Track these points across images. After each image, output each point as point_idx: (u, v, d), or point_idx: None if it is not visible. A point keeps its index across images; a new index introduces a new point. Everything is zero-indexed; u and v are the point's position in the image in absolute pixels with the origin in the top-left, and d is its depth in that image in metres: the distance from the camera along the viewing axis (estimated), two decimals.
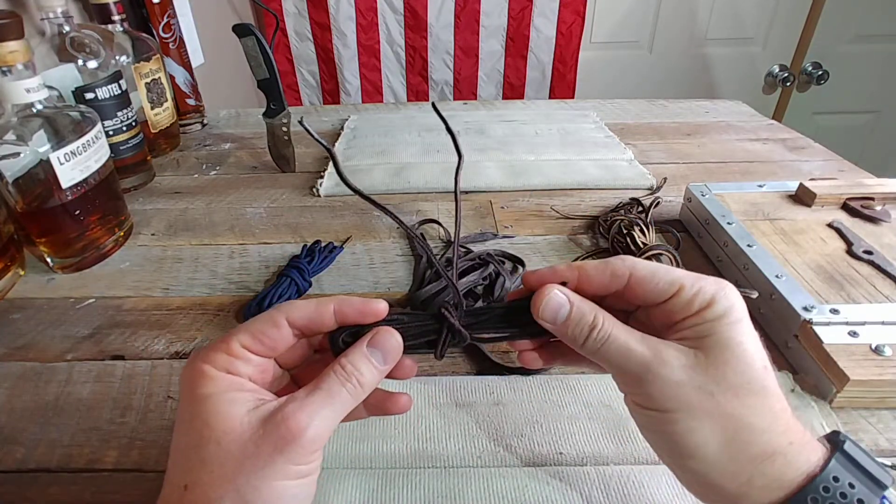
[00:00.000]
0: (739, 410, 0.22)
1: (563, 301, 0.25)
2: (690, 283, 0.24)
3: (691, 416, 0.22)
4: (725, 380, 0.22)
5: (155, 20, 0.80)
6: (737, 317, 0.23)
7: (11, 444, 0.36)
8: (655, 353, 0.23)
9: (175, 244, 0.58)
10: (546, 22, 1.39)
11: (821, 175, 0.70)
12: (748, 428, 0.22)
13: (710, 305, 0.23)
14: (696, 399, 0.22)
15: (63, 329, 0.46)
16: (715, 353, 0.22)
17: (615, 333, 0.24)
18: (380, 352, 0.24)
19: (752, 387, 0.22)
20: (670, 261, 0.47)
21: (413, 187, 0.68)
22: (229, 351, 0.23)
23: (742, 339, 0.23)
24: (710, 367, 0.22)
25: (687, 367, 0.22)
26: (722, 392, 0.22)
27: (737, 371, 0.22)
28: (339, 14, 1.37)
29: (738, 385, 0.22)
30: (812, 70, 1.51)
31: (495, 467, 0.34)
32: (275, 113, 0.69)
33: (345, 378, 0.23)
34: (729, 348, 0.23)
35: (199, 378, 0.23)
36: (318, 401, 0.22)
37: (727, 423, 0.22)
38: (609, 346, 0.24)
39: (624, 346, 0.24)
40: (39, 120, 0.48)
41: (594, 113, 0.91)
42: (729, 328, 0.23)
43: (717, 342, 0.23)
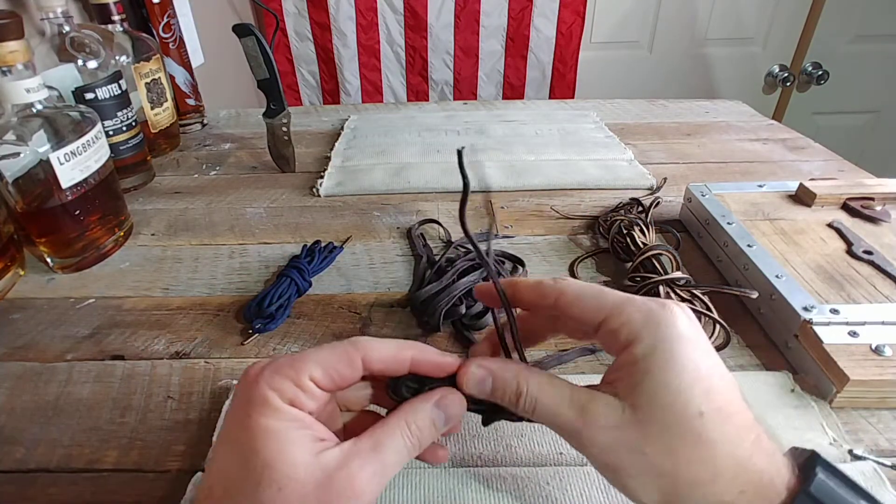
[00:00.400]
0: (674, 467, 0.21)
1: (483, 376, 0.24)
2: (617, 313, 0.23)
3: (626, 475, 0.21)
4: (656, 437, 0.21)
5: (155, 20, 0.80)
6: (665, 357, 0.21)
7: (11, 444, 0.36)
8: (584, 416, 0.22)
9: (175, 244, 0.58)
10: (546, 22, 1.39)
11: (821, 175, 0.70)
12: (686, 483, 0.21)
13: (635, 342, 0.22)
14: (628, 460, 0.21)
15: (63, 329, 0.46)
16: (643, 408, 0.21)
17: (541, 399, 0.23)
18: (444, 415, 0.24)
19: (685, 440, 0.21)
20: (670, 261, 0.47)
21: (413, 187, 0.68)
22: (298, 382, 0.22)
23: (671, 385, 0.21)
24: (639, 425, 0.21)
25: (615, 428, 0.21)
26: (654, 451, 0.21)
27: (665, 426, 0.21)
28: (339, 14, 1.37)
29: (670, 440, 0.21)
30: (812, 70, 1.51)
31: (495, 467, 0.34)
32: (275, 113, 0.69)
33: (409, 437, 0.23)
34: (656, 401, 0.21)
35: (262, 405, 0.21)
36: (381, 460, 0.21)
37: (662, 481, 0.21)
38: (538, 412, 0.23)
39: (552, 412, 0.23)
40: (39, 120, 0.48)
41: (594, 113, 0.91)
42: (657, 374, 0.21)
43: (644, 394, 0.21)
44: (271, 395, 0.21)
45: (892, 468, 0.33)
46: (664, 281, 0.44)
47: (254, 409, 0.21)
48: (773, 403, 0.37)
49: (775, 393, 0.38)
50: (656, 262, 0.47)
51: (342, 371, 0.23)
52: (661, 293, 0.44)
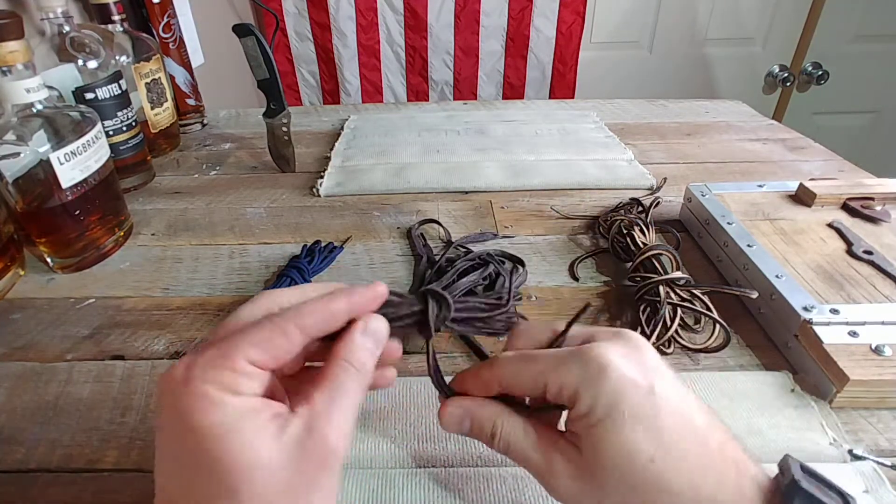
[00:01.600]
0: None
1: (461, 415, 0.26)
2: (553, 379, 0.23)
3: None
4: (609, 489, 0.21)
5: (155, 20, 0.80)
6: (605, 408, 0.21)
7: (11, 444, 0.36)
8: (547, 464, 0.23)
9: (175, 244, 0.58)
10: (546, 22, 1.39)
11: (821, 175, 0.70)
12: None
13: (575, 402, 0.22)
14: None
15: (63, 329, 0.46)
16: (594, 461, 0.22)
17: (513, 441, 0.24)
18: (374, 339, 0.24)
19: (637, 489, 0.21)
20: (670, 261, 0.47)
21: (413, 187, 0.68)
22: (234, 368, 0.20)
23: (617, 435, 0.21)
24: (593, 477, 0.22)
25: (574, 479, 0.22)
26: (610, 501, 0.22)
27: (616, 478, 0.21)
28: (339, 14, 1.37)
29: (624, 491, 0.21)
30: (812, 70, 1.51)
31: (495, 467, 0.34)
32: (275, 113, 0.69)
33: (354, 373, 0.22)
34: (604, 454, 0.21)
35: (201, 404, 0.19)
36: (341, 405, 0.21)
37: None
38: (510, 452, 0.25)
39: (522, 455, 0.24)
40: (39, 120, 0.48)
41: (594, 113, 0.91)
42: (600, 428, 0.21)
43: (594, 447, 0.22)
44: (210, 390, 0.19)
45: (892, 468, 0.33)
46: (664, 281, 0.44)
47: (194, 412, 0.19)
48: (773, 403, 0.37)
49: (775, 393, 0.38)
50: (656, 262, 0.47)
51: (279, 343, 0.21)
52: (661, 293, 0.44)
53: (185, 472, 0.20)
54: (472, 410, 0.26)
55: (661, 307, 0.42)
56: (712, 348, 0.42)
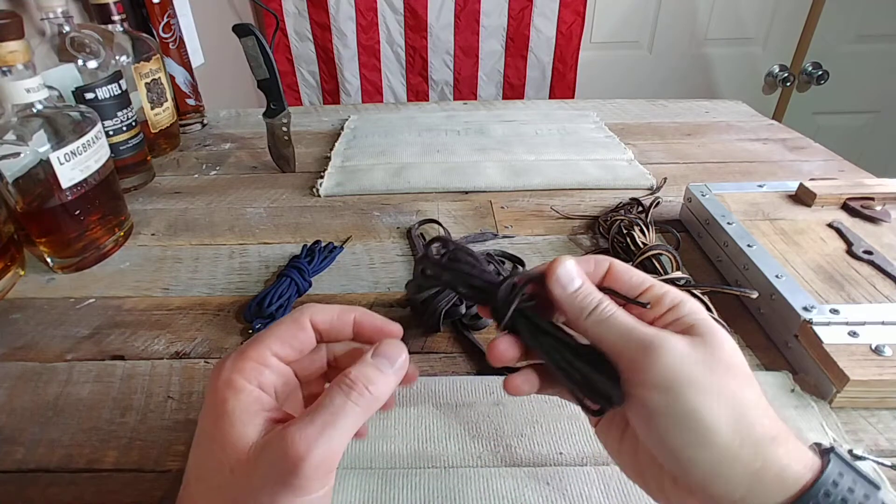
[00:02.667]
0: (739, 390, 0.22)
1: (575, 274, 0.25)
2: (659, 284, 0.25)
3: (699, 391, 0.21)
4: (722, 360, 0.22)
5: (155, 20, 0.80)
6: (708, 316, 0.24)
7: (11, 444, 0.36)
8: (658, 331, 0.23)
9: (175, 244, 0.58)
10: (546, 22, 1.39)
11: (821, 175, 0.70)
12: (751, 407, 0.22)
13: (681, 303, 0.24)
14: (701, 373, 0.22)
15: (63, 329, 0.46)
16: (705, 337, 0.23)
17: (619, 312, 0.24)
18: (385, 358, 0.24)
19: (743, 370, 0.23)
20: (670, 261, 0.47)
21: (413, 187, 0.68)
22: (260, 359, 0.23)
23: (722, 331, 0.23)
24: (706, 348, 0.22)
25: (688, 344, 0.23)
26: (722, 370, 0.22)
27: (729, 353, 0.23)
28: (339, 14, 1.37)
29: (733, 366, 0.22)
30: (812, 70, 1.51)
31: (495, 467, 0.34)
32: (275, 113, 0.69)
33: (348, 389, 0.22)
34: (716, 335, 0.23)
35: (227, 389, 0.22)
36: (320, 422, 0.21)
37: (732, 400, 0.21)
38: (613, 321, 0.24)
39: (627, 324, 0.24)
40: (39, 120, 0.48)
41: (594, 113, 0.91)
42: (708, 321, 0.24)
43: (704, 328, 0.23)
44: (235, 377, 0.22)
45: (892, 468, 0.33)
46: (664, 281, 0.44)
47: (220, 394, 0.22)
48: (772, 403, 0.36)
49: (775, 393, 0.38)
50: (656, 262, 0.47)
51: (296, 335, 0.24)
52: None
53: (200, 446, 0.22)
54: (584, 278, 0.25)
55: None
56: None
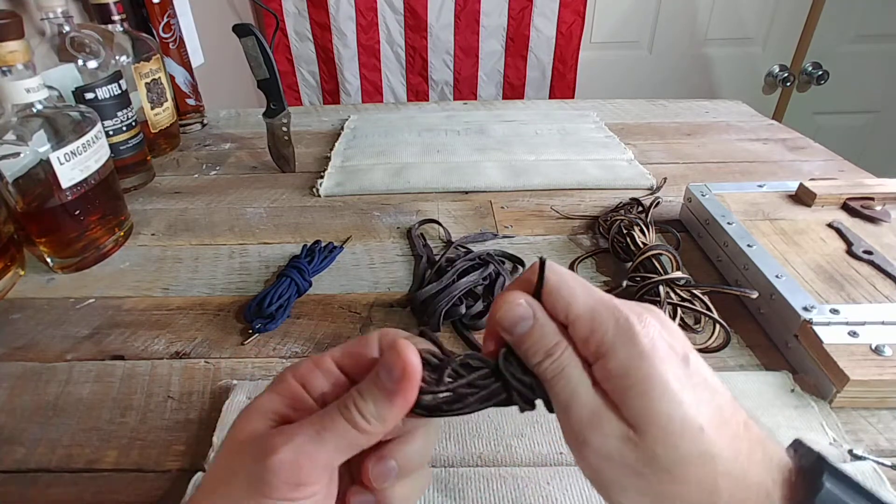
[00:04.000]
0: (671, 488, 0.20)
1: (527, 315, 0.22)
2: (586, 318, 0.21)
3: (620, 491, 0.20)
4: (656, 458, 0.19)
5: (155, 20, 0.80)
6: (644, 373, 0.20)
7: (11, 444, 0.36)
8: (596, 412, 0.20)
9: (175, 244, 0.58)
10: (546, 22, 1.39)
11: (821, 175, 0.70)
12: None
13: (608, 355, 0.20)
14: (625, 475, 0.20)
15: (63, 329, 0.46)
16: (644, 429, 0.20)
17: (569, 371, 0.21)
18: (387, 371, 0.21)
19: (685, 459, 0.19)
20: (670, 261, 0.47)
21: (413, 187, 0.68)
22: (318, 361, 0.23)
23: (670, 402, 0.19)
24: (640, 445, 0.20)
25: (619, 440, 0.20)
26: (652, 472, 0.20)
27: (669, 446, 0.19)
28: (339, 14, 1.37)
29: (672, 461, 0.19)
30: (812, 70, 1.51)
31: (495, 467, 0.34)
32: (275, 113, 0.69)
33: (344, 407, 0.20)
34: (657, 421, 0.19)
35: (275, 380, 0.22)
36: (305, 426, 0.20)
37: (657, 501, 0.20)
38: (558, 381, 0.21)
39: (571, 389, 0.21)
40: (39, 120, 0.48)
41: (594, 113, 0.91)
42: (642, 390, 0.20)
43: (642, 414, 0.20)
44: (286, 373, 0.22)
45: (892, 468, 0.33)
46: (664, 281, 0.44)
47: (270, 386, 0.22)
48: (773, 403, 0.37)
49: (775, 393, 0.38)
50: (656, 261, 0.47)
51: (358, 349, 0.23)
52: (661, 293, 0.44)
53: None
54: (540, 317, 0.22)
55: (661, 307, 0.42)
56: (712, 348, 0.42)
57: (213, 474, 0.21)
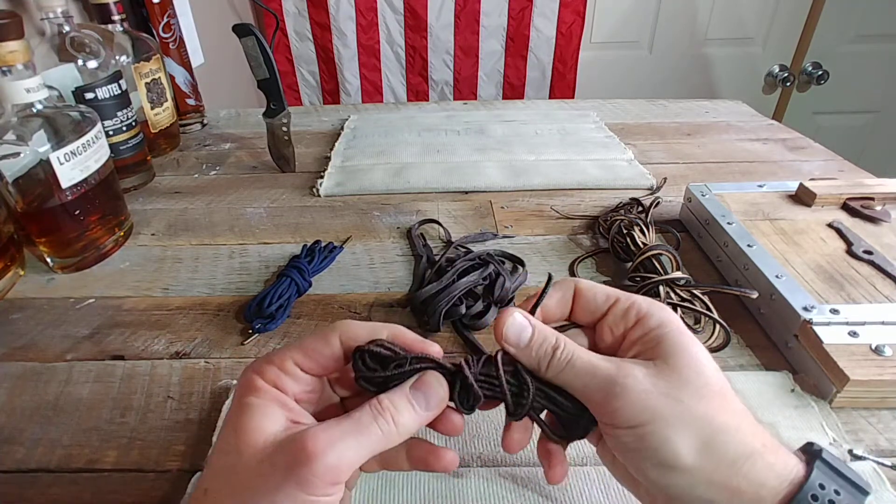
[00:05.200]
0: (707, 412, 0.22)
1: (524, 324, 0.25)
2: (624, 297, 0.26)
3: (664, 424, 0.22)
4: (688, 383, 0.22)
5: (155, 20, 0.80)
6: (676, 324, 0.24)
7: (11, 444, 0.36)
8: (619, 367, 0.23)
9: (175, 244, 0.58)
10: (546, 22, 1.39)
11: (821, 175, 0.70)
12: (721, 428, 0.21)
13: (646, 316, 0.24)
14: (665, 406, 0.22)
15: (63, 329, 0.46)
16: (671, 360, 0.23)
17: (577, 353, 0.24)
18: (423, 396, 0.23)
19: (712, 388, 0.22)
20: (670, 261, 0.47)
21: (413, 187, 0.68)
22: (281, 366, 0.24)
23: (690, 344, 0.23)
24: (670, 373, 0.22)
25: (650, 376, 0.22)
26: (688, 396, 0.22)
27: (695, 373, 0.22)
28: (339, 14, 1.37)
29: (701, 387, 0.22)
30: (812, 70, 1.51)
31: (495, 467, 0.34)
32: (275, 113, 0.69)
33: (377, 412, 0.22)
34: (682, 352, 0.23)
35: (246, 387, 0.23)
36: (342, 429, 0.21)
37: (700, 426, 0.21)
38: (573, 365, 0.24)
39: (588, 364, 0.24)
40: (39, 120, 0.48)
41: (594, 113, 0.91)
42: (674, 335, 0.23)
43: (669, 348, 0.23)
44: (255, 378, 0.23)
45: (892, 468, 0.33)
46: (664, 281, 0.44)
47: (242, 393, 0.23)
48: (773, 403, 0.37)
49: (775, 393, 0.38)
50: (656, 262, 0.47)
51: (320, 349, 0.24)
52: (661, 293, 0.44)
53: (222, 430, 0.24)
54: (535, 322, 0.25)
55: None
56: (712, 348, 0.42)
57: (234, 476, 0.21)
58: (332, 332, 0.24)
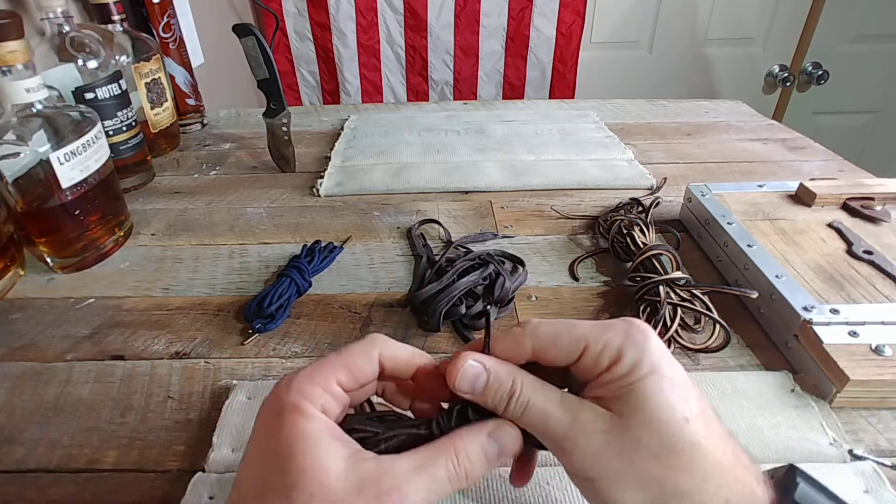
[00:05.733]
0: (662, 474, 0.21)
1: (478, 371, 0.24)
2: (595, 339, 0.23)
3: (612, 483, 0.21)
4: (643, 444, 0.21)
5: (155, 20, 0.80)
6: (649, 367, 0.22)
7: (11, 444, 0.36)
8: (573, 420, 0.22)
9: (175, 244, 0.58)
10: (546, 22, 1.39)
11: (821, 175, 0.70)
12: (673, 492, 0.21)
13: (618, 360, 0.22)
14: (617, 467, 0.21)
15: (63, 329, 0.46)
16: (630, 416, 0.22)
17: (533, 400, 0.23)
18: (498, 446, 0.23)
19: (673, 446, 0.21)
20: (670, 261, 0.47)
21: (413, 187, 0.68)
22: (327, 387, 0.23)
23: (656, 392, 0.22)
24: (626, 431, 0.21)
25: (604, 433, 0.22)
26: (641, 458, 0.21)
27: (654, 432, 0.21)
28: (339, 14, 1.37)
29: (658, 446, 0.21)
30: (812, 70, 1.51)
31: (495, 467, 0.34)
32: (275, 113, 0.69)
33: (455, 464, 0.22)
34: (643, 408, 0.21)
35: (294, 413, 0.21)
36: (422, 483, 0.21)
37: (651, 488, 0.21)
38: (528, 413, 0.23)
39: (542, 413, 0.23)
40: (39, 120, 0.48)
41: (594, 113, 0.91)
42: (641, 384, 0.22)
43: (631, 402, 0.22)
44: (304, 403, 0.22)
45: (892, 468, 0.33)
46: (664, 281, 0.44)
47: (287, 417, 0.21)
48: (773, 403, 0.37)
49: (775, 393, 0.38)
50: (656, 261, 0.47)
51: (363, 367, 0.24)
52: (661, 293, 0.44)
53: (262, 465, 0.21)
54: (490, 367, 0.24)
55: (661, 307, 0.42)
56: (712, 348, 0.42)
57: None
58: (371, 347, 0.24)
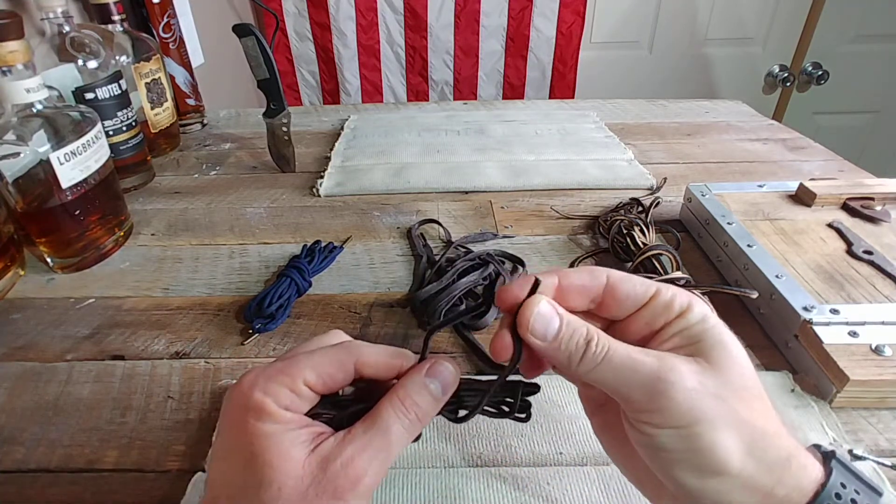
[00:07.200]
0: (750, 415, 0.21)
1: (551, 314, 0.22)
2: (665, 288, 0.23)
3: (712, 426, 0.20)
4: (731, 384, 0.21)
5: (155, 20, 0.80)
6: (719, 322, 0.22)
7: (11, 444, 0.36)
8: (662, 362, 0.21)
9: (175, 244, 0.58)
10: (546, 22, 1.39)
11: (821, 175, 0.70)
12: (762, 433, 0.20)
13: (689, 309, 0.22)
14: (713, 407, 0.20)
15: (63, 329, 0.46)
16: (715, 358, 0.21)
17: (614, 346, 0.21)
18: (439, 382, 0.23)
19: (753, 391, 0.21)
20: (670, 261, 0.47)
21: (413, 187, 0.68)
22: (293, 388, 0.22)
23: (731, 343, 0.22)
24: (715, 372, 0.21)
25: (696, 373, 0.21)
26: (733, 398, 0.21)
27: (738, 375, 0.21)
28: (339, 14, 1.37)
29: (743, 389, 0.21)
30: (812, 70, 1.51)
31: (495, 467, 0.34)
32: (275, 113, 0.69)
33: (404, 413, 0.22)
34: (727, 351, 0.21)
35: (259, 412, 0.21)
36: (376, 444, 0.21)
37: (744, 429, 0.20)
38: (610, 360, 0.21)
39: (627, 358, 0.21)
40: (39, 120, 0.48)
41: (594, 113, 0.91)
42: (718, 330, 0.22)
43: (712, 346, 0.21)
44: (267, 402, 0.22)
45: (892, 468, 0.33)
46: (664, 281, 0.44)
47: (250, 416, 0.21)
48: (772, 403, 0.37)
49: (775, 393, 0.38)
50: (656, 262, 0.47)
51: (335, 376, 0.23)
52: None
53: (232, 465, 0.22)
54: (563, 312, 0.22)
55: None
56: None
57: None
58: (347, 357, 0.23)
